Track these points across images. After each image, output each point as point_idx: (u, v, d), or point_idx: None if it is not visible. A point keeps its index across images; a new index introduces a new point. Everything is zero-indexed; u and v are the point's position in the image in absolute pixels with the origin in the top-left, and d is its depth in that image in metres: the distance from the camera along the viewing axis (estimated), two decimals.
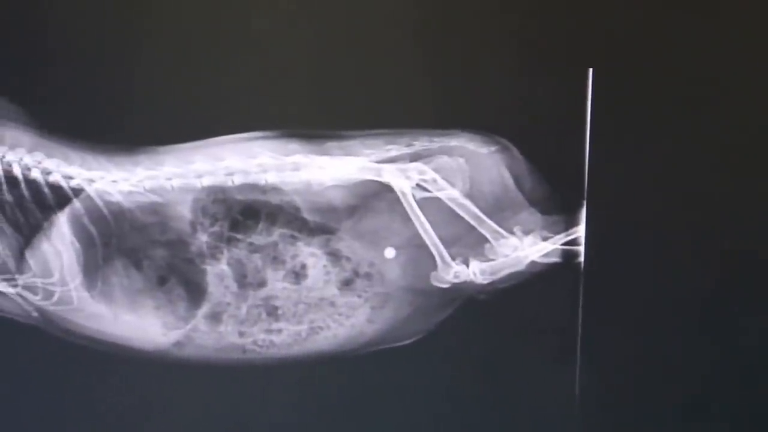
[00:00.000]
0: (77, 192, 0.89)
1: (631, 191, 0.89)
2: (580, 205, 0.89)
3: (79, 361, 0.92)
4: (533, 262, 0.90)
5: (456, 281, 0.90)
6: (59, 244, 0.89)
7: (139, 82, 0.88)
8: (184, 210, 0.89)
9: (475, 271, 0.90)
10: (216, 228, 0.89)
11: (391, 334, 0.91)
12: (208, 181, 0.89)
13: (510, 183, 0.89)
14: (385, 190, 0.89)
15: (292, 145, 0.89)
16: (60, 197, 0.89)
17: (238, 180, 0.89)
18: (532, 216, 0.89)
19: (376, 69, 0.88)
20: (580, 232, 0.89)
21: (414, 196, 0.89)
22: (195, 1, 0.88)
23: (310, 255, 0.90)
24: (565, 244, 0.90)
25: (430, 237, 0.89)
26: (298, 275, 0.90)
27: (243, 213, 0.89)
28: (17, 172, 0.89)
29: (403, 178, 0.89)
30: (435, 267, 0.90)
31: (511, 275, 0.90)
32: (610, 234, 0.89)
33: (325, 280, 0.90)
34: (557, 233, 0.89)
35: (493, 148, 0.89)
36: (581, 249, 0.89)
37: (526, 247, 0.89)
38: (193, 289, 0.90)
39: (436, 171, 0.89)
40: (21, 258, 0.90)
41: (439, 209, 0.89)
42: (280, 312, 0.91)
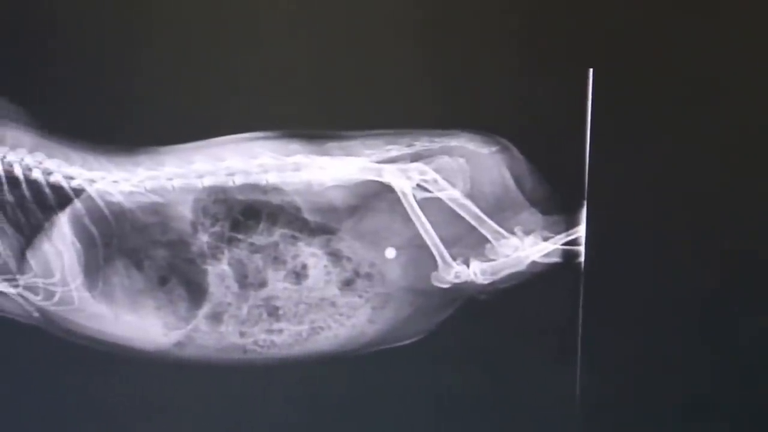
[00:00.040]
0: (78, 192, 0.89)
1: (632, 191, 0.89)
2: (581, 206, 0.89)
3: (80, 362, 0.92)
4: (534, 262, 0.90)
5: (457, 281, 0.90)
6: (60, 245, 0.89)
7: (140, 82, 0.88)
8: (185, 210, 0.89)
9: (475, 272, 0.90)
10: (217, 228, 0.89)
11: (391, 334, 0.91)
12: (209, 182, 0.89)
13: (510, 183, 0.89)
14: (386, 190, 0.89)
15: (293, 145, 0.89)
16: (61, 197, 0.89)
17: (239, 180, 0.89)
18: (532, 216, 0.89)
19: (377, 69, 0.88)
20: (580, 232, 0.89)
21: (415, 197, 0.89)
22: (196, 1, 0.88)
23: (310, 255, 0.90)
24: (565, 245, 0.90)
25: (430, 237, 0.89)
26: (299, 275, 0.90)
27: (244, 213, 0.89)
28: (18, 172, 0.89)
29: (403, 179, 0.89)
30: (436, 267, 0.90)
31: (512, 275, 0.90)
32: (611, 234, 0.90)
33: (326, 281, 0.90)
34: (558, 233, 0.89)
35: (494, 149, 0.89)
36: (582, 249, 0.89)
37: (526, 247, 0.89)
38: (194, 290, 0.90)
39: (437, 171, 0.89)
40: (22, 258, 0.90)
41: (439, 209, 0.89)
42: (281, 312, 0.91)
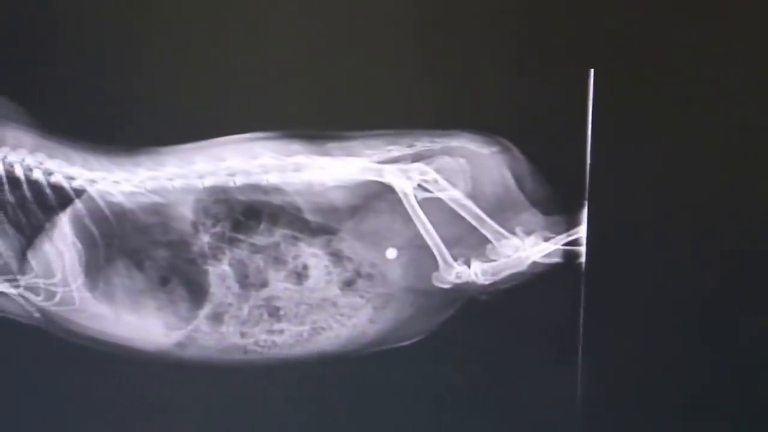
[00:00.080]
0: (79, 192, 0.89)
1: (633, 192, 0.89)
2: (582, 206, 0.89)
3: (81, 362, 0.92)
4: (535, 263, 0.90)
5: (458, 282, 0.90)
6: (61, 245, 0.89)
7: (141, 82, 0.88)
8: (186, 210, 0.89)
9: (476, 272, 0.90)
10: (218, 228, 0.89)
11: (392, 334, 0.91)
12: (209, 182, 0.89)
13: (511, 183, 0.89)
14: (387, 190, 0.89)
15: (294, 145, 0.89)
16: (62, 198, 0.89)
17: (239, 180, 0.89)
18: (533, 216, 0.89)
19: (378, 69, 0.88)
20: (581, 232, 0.89)
21: (415, 197, 0.89)
22: (197, 1, 0.88)
23: (311, 255, 0.90)
24: (566, 245, 0.90)
25: (431, 237, 0.89)
26: (299, 276, 0.90)
27: (245, 213, 0.89)
28: (19, 172, 0.89)
29: (404, 179, 0.89)
30: (437, 267, 0.90)
31: (513, 276, 0.90)
32: (612, 234, 0.89)
33: (327, 281, 0.90)
34: (559, 234, 0.89)
35: (495, 149, 0.89)
36: (582, 249, 0.89)
37: (527, 248, 0.89)
38: (195, 290, 0.90)
39: (438, 171, 0.89)
40: (23, 259, 0.90)
41: (440, 210, 0.89)
42: (281, 312, 0.91)
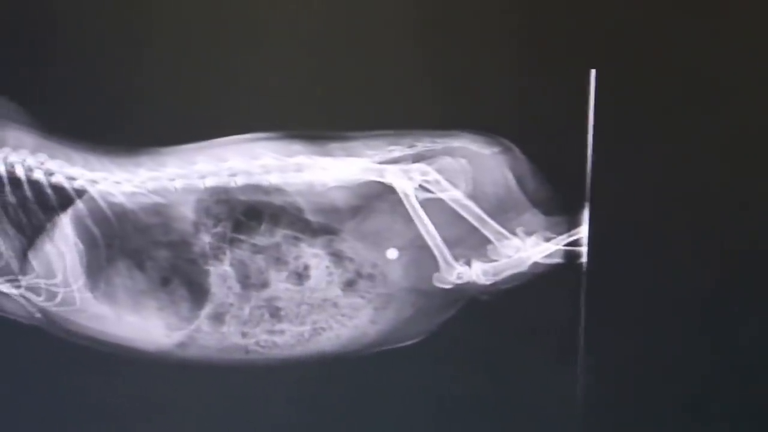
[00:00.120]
0: (80, 193, 0.89)
1: (634, 192, 0.89)
2: (583, 206, 0.89)
3: (82, 362, 0.92)
4: (536, 263, 0.90)
5: (459, 282, 0.90)
6: (62, 245, 0.89)
7: (142, 83, 0.88)
8: (187, 211, 0.89)
9: (477, 272, 0.90)
10: (219, 229, 0.89)
11: (393, 334, 0.91)
12: (211, 182, 0.89)
13: (512, 184, 0.89)
14: (388, 191, 0.89)
15: (295, 146, 0.89)
16: (63, 198, 0.89)
17: (241, 181, 0.89)
18: (534, 217, 0.89)
19: (379, 70, 0.88)
20: (582, 232, 0.89)
21: (417, 197, 0.89)
22: (197, 1, 0.88)
23: (312, 256, 0.90)
24: (567, 245, 0.90)
25: (432, 238, 0.89)
26: (300, 276, 0.90)
27: (246, 214, 0.89)
28: (20, 173, 0.89)
29: (405, 179, 0.89)
30: (437, 268, 0.90)
31: (514, 276, 0.90)
32: (613, 235, 0.89)
33: (328, 281, 0.90)
34: (560, 234, 0.89)
35: (496, 149, 0.89)
36: (583, 250, 0.89)
37: (528, 248, 0.89)
38: (196, 290, 0.90)
39: (439, 172, 0.89)
40: (24, 259, 0.90)
41: (441, 210, 0.89)
42: (282, 313, 0.91)
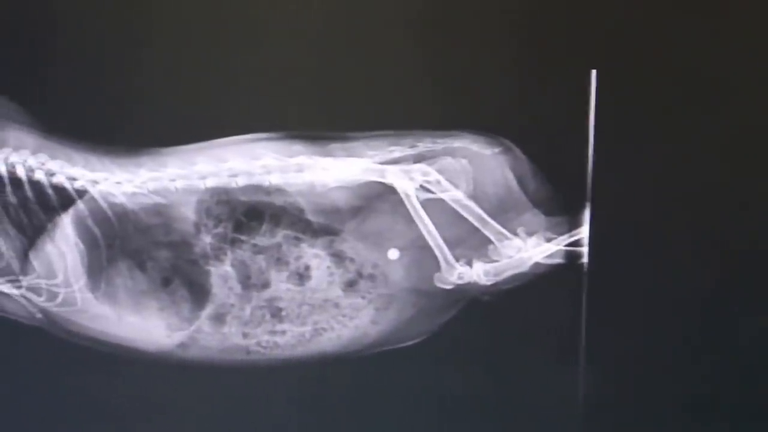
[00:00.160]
0: (81, 193, 0.89)
1: (635, 192, 0.89)
2: (584, 207, 0.89)
3: (82, 363, 0.92)
4: (537, 264, 0.90)
5: (460, 282, 0.90)
6: (63, 246, 0.89)
7: (142, 83, 0.88)
8: (188, 211, 0.89)
9: (478, 273, 0.90)
10: (220, 229, 0.89)
11: (394, 335, 0.91)
12: (211, 183, 0.89)
13: (513, 184, 0.89)
14: (389, 191, 0.89)
15: (296, 146, 0.89)
16: (64, 198, 0.89)
17: (241, 181, 0.89)
18: (535, 217, 0.89)
19: (380, 70, 0.88)
20: (583, 233, 0.89)
21: (417, 198, 0.89)
22: (198, 1, 0.88)
23: (313, 256, 0.90)
24: (568, 246, 0.90)
25: (433, 238, 0.89)
26: (302, 276, 0.90)
27: (247, 214, 0.89)
28: (21, 173, 0.89)
29: (406, 180, 0.89)
30: (438, 268, 0.90)
31: (515, 276, 0.90)
32: (614, 235, 0.89)
33: (329, 282, 0.90)
34: (561, 234, 0.89)
35: (497, 150, 0.89)
36: (584, 250, 0.89)
37: (529, 249, 0.89)
38: (197, 291, 0.90)
39: (440, 172, 0.89)
40: (25, 259, 0.90)
41: (442, 210, 0.89)
42: (284, 313, 0.91)
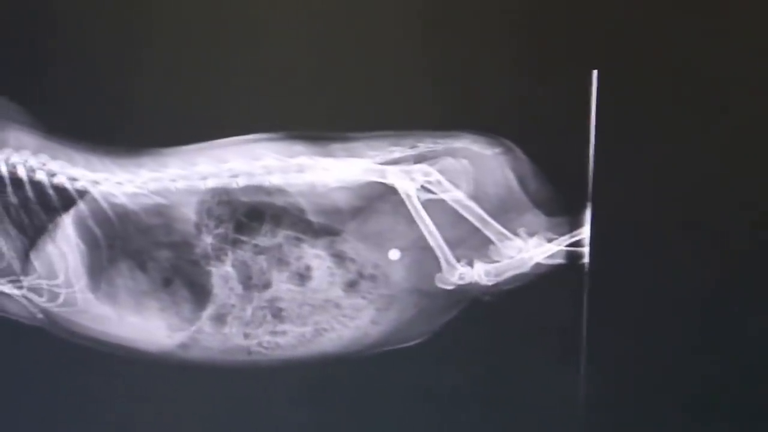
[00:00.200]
0: (82, 194, 0.89)
1: (635, 193, 0.89)
2: (585, 207, 0.89)
3: (83, 363, 0.92)
4: (538, 264, 0.90)
5: (460, 283, 0.90)
6: (64, 246, 0.89)
7: (143, 83, 0.88)
8: (189, 212, 0.89)
9: (479, 273, 0.90)
10: (221, 230, 0.89)
11: (395, 335, 0.91)
12: (212, 183, 0.89)
13: (514, 185, 0.89)
14: (390, 191, 0.89)
15: (297, 146, 0.89)
16: (65, 199, 0.89)
17: (242, 182, 0.89)
18: (536, 217, 0.89)
19: (380, 70, 0.88)
20: (584, 233, 0.89)
21: (418, 198, 0.89)
22: (200, 2, 0.88)
23: (314, 257, 0.90)
24: (569, 246, 0.90)
25: (434, 239, 0.89)
26: (302, 277, 0.90)
27: (248, 215, 0.89)
28: (22, 173, 0.89)
29: (407, 180, 0.89)
30: (439, 269, 0.90)
31: (516, 277, 0.90)
32: (614, 235, 0.89)
33: (330, 282, 0.90)
34: (562, 235, 0.89)
35: (498, 150, 0.89)
36: (585, 250, 0.89)
37: (530, 249, 0.89)
38: (198, 291, 0.90)
39: (441, 173, 0.89)
40: (26, 260, 0.90)
41: (443, 211, 0.89)
42: (284, 314, 0.91)
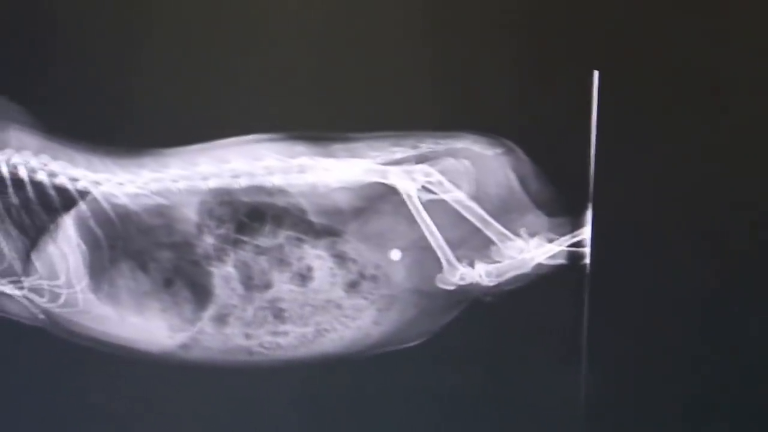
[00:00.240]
0: (83, 194, 0.89)
1: (637, 193, 0.89)
2: (586, 207, 0.89)
3: (85, 363, 0.92)
4: (539, 264, 0.90)
5: (462, 283, 0.90)
6: (65, 247, 0.89)
7: (144, 84, 0.88)
8: (190, 212, 0.89)
9: (480, 273, 0.90)
10: (222, 230, 0.89)
11: (396, 336, 0.91)
12: (214, 184, 0.89)
13: (516, 185, 0.89)
14: (391, 192, 0.89)
15: (298, 147, 0.89)
16: (66, 199, 0.89)
17: (244, 182, 0.89)
18: (537, 218, 0.89)
19: (382, 71, 0.88)
20: (585, 234, 0.89)
21: (420, 198, 0.89)
22: (200, 2, 0.88)
23: (316, 257, 0.90)
24: (570, 246, 0.90)
25: (435, 239, 0.89)
26: (304, 277, 0.90)
27: (249, 215, 0.89)
28: (23, 174, 0.89)
29: (408, 180, 0.89)
30: (441, 269, 0.90)
31: (517, 277, 0.90)
32: (615, 236, 0.89)
33: (331, 283, 0.90)
34: (563, 235, 0.89)
35: (499, 150, 0.89)
36: (587, 251, 0.89)
37: (531, 249, 0.89)
38: (200, 292, 0.90)
39: (442, 173, 0.89)
40: (27, 260, 0.90)
41: (444, 211, 0.89)
42: (286, 314, 0.91)
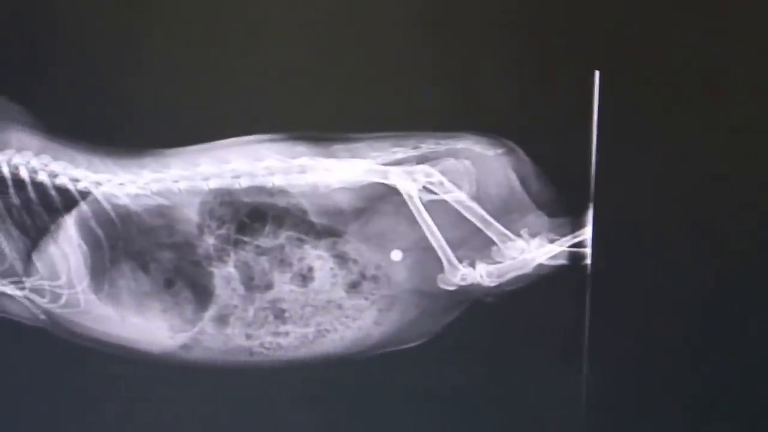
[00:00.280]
0: (84, 195, 0.89)
1: (638, 193, 0.89)
2: (587, 208, 0.89)
3: (85, 364, 0.92)
4: (540, 265, 0.90)
5: (463, 284, 0.90)
6: (66, 247, 0.89)
7: (145, 84, 0.88)
8: (191, 213, 0.89)
9: (481, 274, 0.90)
10: (223, 231, 0.89)
11: (397, 336, 0.91)
12: (214, 184, 0.89)
13: (517, 185, 0.89)
14: (392, 192, 0.89)
15: (299, 147, 0.89)
16: (67, 200, 0.89)
17: (244, 183, 0.89)
18: (538, 218, 0.89)
19: (382, 71, 0.88)
20: (586, 234, 0.89)
21: (421, 199, 0.89)
22: (201, 2, 0.88)
23: (317, 257, 0.90)
24: (571, 247, 0.89)
25: (436, 239, 0.89)
26: (305, 278, 0.90)
27: (250, 216, 0.89)
28: (24, 174, 0.89)
29: (409, 181, 0.89)
30: (442, 269, 0.90)
31: (518, 278, 0.90)
32: (617, 236, 0.89)
33: (332, 283, 0.90)
34: (564, 235, 0.89)
35: (500, 151, 0.88)
36: (588, 251, 0.89)
37: (532, 250, 0.89)
38: (200, 292, 0.90)
39: (443, 173, 0.89)
40: (28, 261, 0.90)
41: (445, 212, 0.89)
42: (287, 314, 0.91)
